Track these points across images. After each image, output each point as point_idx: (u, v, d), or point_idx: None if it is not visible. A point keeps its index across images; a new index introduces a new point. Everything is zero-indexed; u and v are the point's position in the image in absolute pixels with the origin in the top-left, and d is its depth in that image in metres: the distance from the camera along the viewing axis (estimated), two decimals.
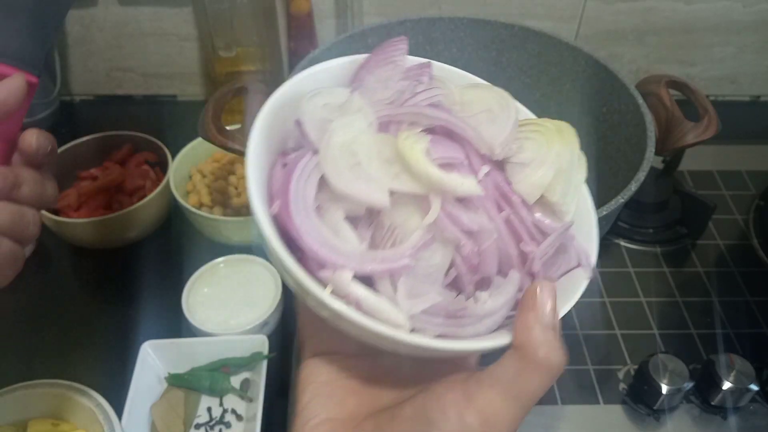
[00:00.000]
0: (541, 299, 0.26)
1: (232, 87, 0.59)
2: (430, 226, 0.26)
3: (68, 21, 0.90)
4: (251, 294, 0.64)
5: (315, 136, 0.28)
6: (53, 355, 0.63)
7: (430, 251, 0.27)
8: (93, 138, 0.77)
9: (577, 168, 0.30)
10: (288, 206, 0.26)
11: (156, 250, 0.74)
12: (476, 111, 0.30)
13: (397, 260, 0.26)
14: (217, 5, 0.78)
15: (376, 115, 0.29)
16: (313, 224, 0.26)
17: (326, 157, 0.26)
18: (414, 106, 0.29)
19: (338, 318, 0.25)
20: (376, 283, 0.26)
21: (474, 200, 0.27)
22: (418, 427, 0.26)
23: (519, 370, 0.25)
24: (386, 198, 0.26)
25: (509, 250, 0.28)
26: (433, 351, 0.26)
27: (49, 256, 0.74)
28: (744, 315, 0.66)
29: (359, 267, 0.25)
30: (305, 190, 0.26)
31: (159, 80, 0.96)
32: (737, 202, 0.78)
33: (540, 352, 0.25)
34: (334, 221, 0.26)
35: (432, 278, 0.27)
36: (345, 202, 0.27)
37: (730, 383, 0.55)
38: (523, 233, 0.28)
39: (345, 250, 0.26)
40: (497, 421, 0.25)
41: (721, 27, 0.89)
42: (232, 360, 0.59)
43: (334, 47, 0.66)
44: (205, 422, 0.57)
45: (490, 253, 0.27)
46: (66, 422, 0.54)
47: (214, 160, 0.76)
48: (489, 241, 0.27)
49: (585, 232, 0.30)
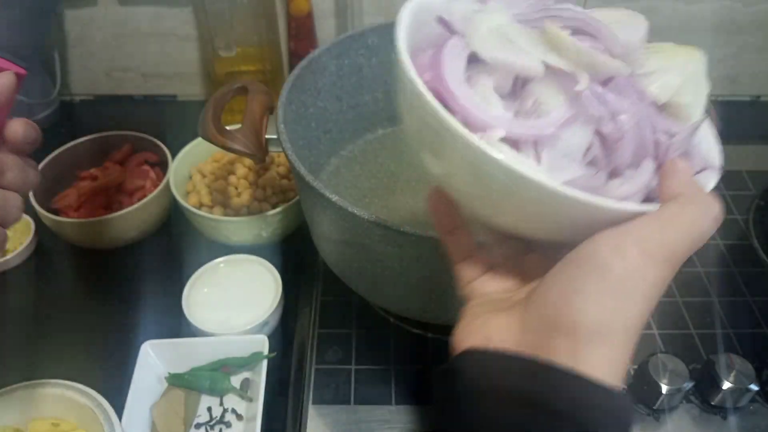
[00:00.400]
0: (682, 166, 0.28)
1: (232, 87, 0.59)
2: (574, 103, 0.28)
3: (68, 21, 0.90)
4: (251, 294, 0.64)
5: (460, 27, 0.30)
6: (53, 355, 0.63)
7: (571, 130, 0.28)
8: (93, 138, 0.77)
9: (703, 77, 0.31)
10: (442, 74, 0.28)
11: (156, 250, 0.74)
12: (607, 23, 0.31)
13: (544, 128, 0.27)
14: (217, 5, 0.78)
15: (515, 13, 0.30)
16: (466, 90, 0.28)
17: (475, 36, 0.29)
18: (550, 9, 0.31)
19: (493, 167, 0.26)
20: (521, 149, 0.28)
21: (618, 85, 0.28)
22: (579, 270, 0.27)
23: (674, 210, 0.26)
24: (540, 66, 0.28)
25: (646, 138, 0.28)
26: (586, 206, 0.26)
27: (49, 256, 0.74)
28: (744, 315, 0.66)
29: (509, 129, 0.27)
30: (456, 63, 0.28)
31: (159, 80, 0.96)
32: (737, 202, 0.78)
33: (693, 190, 0.27)
34: (483, 91, 0.28)
35: (572, 156, 0.28)
36: (495, 74, 0.29)
37: (730, 383, 0.55)
38: (658, 126, 0.29)
39: (495, 114, 0.28)
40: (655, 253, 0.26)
41: (721, 27, 0.89)
42: (232, 360, 0.59)
43: (334, 47, 0.66)
44: (206, 422, 0.57)
45: (628, 138, 0.28)
46: (66, 422, 0.54)
47: (214, 160, 0.76)
48: (630, 123, 0.28)
49: (707, 142, 0.32)
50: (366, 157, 0.75)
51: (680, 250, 0.26)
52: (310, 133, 0.68)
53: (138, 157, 0.77)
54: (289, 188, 0.73)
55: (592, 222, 0.27)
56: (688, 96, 0.30)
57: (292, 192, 0.73)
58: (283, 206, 0.67)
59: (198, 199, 0.71)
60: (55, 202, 0.72)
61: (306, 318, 0.66)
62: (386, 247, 0.49)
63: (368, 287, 0.57)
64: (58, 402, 0.54)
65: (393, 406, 0.58)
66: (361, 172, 0.73)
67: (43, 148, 0.76)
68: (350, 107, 0.72)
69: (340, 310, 0.66)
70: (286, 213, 0.68)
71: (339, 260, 0.59)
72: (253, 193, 0.71)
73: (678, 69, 0.30)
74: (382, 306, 0.64)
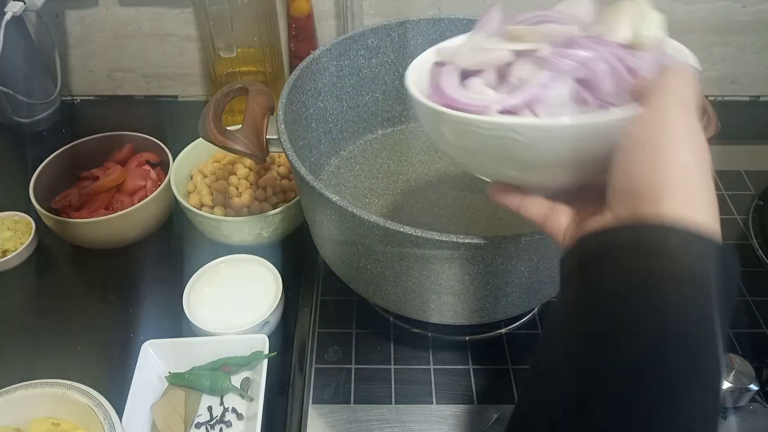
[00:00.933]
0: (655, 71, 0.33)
1: (232, 87, 0.59)
2: (547, 67, 0.35)
3: (69, 21, 0.90)
4: (252, 294, 0.64)
5: (449, 59, 0.40)
6: (53, 355, 0.63)
7: (553, 86, 0.35)
8: (94, 138, 0.77)
9: (652, 12, 0.38)
10: (443, 91, 0.38)
11: (157, 250, 0.74)
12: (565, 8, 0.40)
13: (528, 92, 0.35)
14: (217, 6, 0.79)
15: (488, 32, 0.40)
16: (463, 92, 0.37)
17: (458, 58, 0.39)
18: (517, 17, 0.39)
19: (509, 130, 0.34)
20: (520, 114, 0.35)
21: (578, 42, 0.35)
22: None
23: (668, 78, 0.31)
24: (508, 53, 0.37)
25: (619, 71, 0.34)
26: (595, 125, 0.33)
27: (49, 256, 0.74)
28: (744, 315, 0.66)
29: (502, 103, 0.35)
30: (451, 79, 0.38)
31: (160, 81, 0.97)
32: (736, 202, 0.78)
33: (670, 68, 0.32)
34: (477, 88, 0.37)
35: (563, 104, 0.35)
36: (481, 74, 0.38)
37: (730, 383, 0.56)
38: (627, 59, 0.35)
39: (489, 98, 0.36)
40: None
41: (721, 27, 0.89)
42: (232, 359, 0.59)
43: (334, 48, 0.66)
44: (206, 421, 0.57)
45: (602, 75, 0.34)
46: (66, 422, 0.54)
47: (215, 160, 0.76)
48: (597, 64, 0.34)
49: (681, 54, 0.39)
50: (366, 157, 0.75)
51: (692, 96, 0.31)
52: (310, 134, 0.68)
53: (139, 157, 0.77)
54: (290, 188, 0.73)
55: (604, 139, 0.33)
56: (647, 30, 0.36)
57: (292, 192, 0.73)
58: (283, 206, 0.67)
59: (199, 200, 0.71)
60: (56, 202, 0.72)
61: (306, 318, 0.66)
62: (386, 247, 0.50)
63: (368, 287, 0.57)
64: (58, 402, 0.54)
65: (393, 405, 0.58)
66: (361, 172, 0.73)
67: (44, 148, 0.77)
68: (350, 108, 0.72)
69: (340, 310, 0.66)
70: (287, 213, 0.68)
71: (339, 260, 0.59)
72: (253, 194, 0.71)
73: (630, 15, 0.37)
74: (382, 306, 0.64)
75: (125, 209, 0.68)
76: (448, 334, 0.63)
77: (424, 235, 0.45)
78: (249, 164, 0.74)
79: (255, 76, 0.87)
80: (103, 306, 0.68)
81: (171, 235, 0.75)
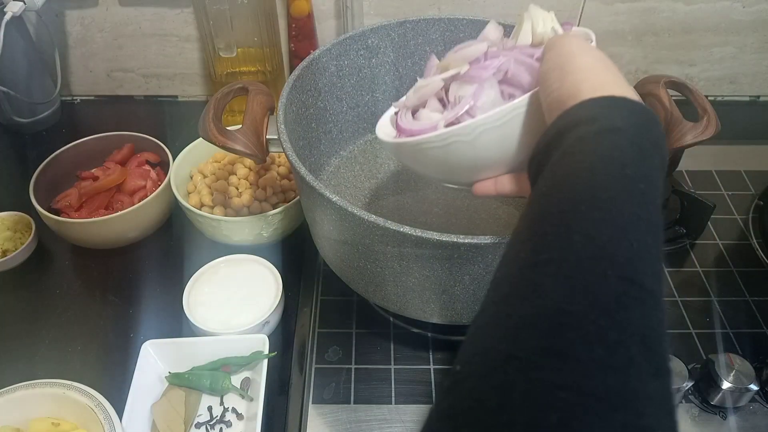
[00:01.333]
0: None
1: (232, 87, 0.59)
2: (472, 79, 0.44)
3: (69, 21, 0.90)
4: (252, 294, 0.64)
5: (401, 105, 0.50)
6: (53, 355, 0.63)
7: (483, 93, 0.43)
8: (94, 138, 0.77)
9: (541, 12, 0.45)
10: (402, 127, 0.47)
11: (157, 250, 0.74)
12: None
13: (465, 104, 0.43)
14: (217, 6, 0.79)
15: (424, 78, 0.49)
16: (415, 123, 0.47)
17: (407, 100, 0.49)
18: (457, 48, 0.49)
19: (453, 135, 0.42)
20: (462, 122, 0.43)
21: (491, 53, 0.45)
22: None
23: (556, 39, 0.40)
24: (440, 82, 0.46)
25: (532, 66, 0.42)
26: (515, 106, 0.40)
27: (49, 256, 0.74)
28: (743, 315, 0.66)
29: (446, 118, 0.44)
30: (407, 118, 0.48)
31: (160, 81, 0.97)
32: (736, 202, 0.78)
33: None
34: (427, 116, 0.46)
35: (496, 104, 0.43)
36: (427, 105, 0.47)
37: (730, 383, 0.56)
38: (535, 54, 0.42)
39: (435, 119, 0.45)
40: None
41: (721, 27, 0.89)
42: (232, 359, 0.59)
43: (334, 48, 0.66)
44: (206, 421, 0.57)
45: (517, 72, 0.43)
46: (66, 422, 0.54)
47: (215, 160, 0.76)
48: (509, 65, 0.43)
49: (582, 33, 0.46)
50: (366, 157, 0.75)
51: (581, 37, 0.40)
52: (310, 134, 0.68)
53: (139, 157, 0.77)
54: (290, 188, 0.73)
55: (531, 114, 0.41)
56: (543, 28, 0.44)
57: (292, 192, 0.73)
58: (283, 206, 0.67)
59: (199, 200, 0.71)
60: (56, 202, 0.73)
61: (306, 318, 0.66)
62: (386, 247, 0.50)
63: (368, 287, 0.57)
64: (58, 402, 0.54)
65: (393, 405, 0.58)
66: (361, 172, 0.73)
67: (44, 148, 0.77)
68: (350, 107, 0.72)
69: (340, 310, 0.66)
70: (287, 213, 0.68)
71: (339, 260, 0.59)
72: (253, 193, 0.71)
73: (528, 22, 0.45)
74: (382, 306, 0.64)
75: (125, 209, 0.68)
76: (448, 334, 0.63)
77: (424, 235, 0.45)
78: (249, 164, 0.74)
79: (255, 76, 0.87)
80: (103, 306, 0.68)
81: (171, 235, 0.75)
